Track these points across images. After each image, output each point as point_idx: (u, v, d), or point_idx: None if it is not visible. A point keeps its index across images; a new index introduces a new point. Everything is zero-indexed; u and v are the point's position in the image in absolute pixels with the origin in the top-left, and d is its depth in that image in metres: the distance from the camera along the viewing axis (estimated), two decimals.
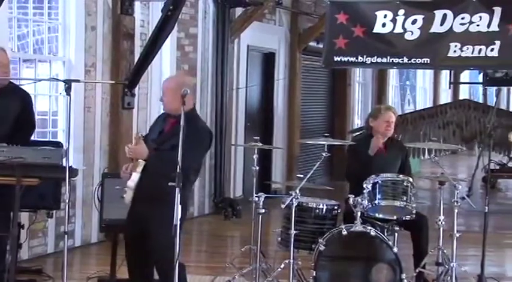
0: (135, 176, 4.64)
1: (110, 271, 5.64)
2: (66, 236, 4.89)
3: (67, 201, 4.75)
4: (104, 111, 7.53)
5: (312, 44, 11.57)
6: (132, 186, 4.64)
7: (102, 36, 7.44)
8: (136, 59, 7.54)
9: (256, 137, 5.88)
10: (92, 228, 7.32)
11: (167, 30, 7.28)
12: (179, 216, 4.16)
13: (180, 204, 4.15)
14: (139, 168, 4.65)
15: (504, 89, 20.06)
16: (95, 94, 7.42)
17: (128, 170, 4.72)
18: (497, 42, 7.20)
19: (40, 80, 6.92)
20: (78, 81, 5.74)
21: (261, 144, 5.83)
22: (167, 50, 8.41)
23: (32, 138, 5.59)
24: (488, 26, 7.23)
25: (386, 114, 5.80)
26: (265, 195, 5.47)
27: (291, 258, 5.12)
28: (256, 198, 5.45)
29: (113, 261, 5.54)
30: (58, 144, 5.83)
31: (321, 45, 9.51)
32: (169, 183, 4.21)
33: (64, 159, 4.98)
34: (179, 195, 4.17)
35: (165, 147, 4.62)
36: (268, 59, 11.05)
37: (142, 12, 8.00)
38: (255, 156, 5.72)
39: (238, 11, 9.74)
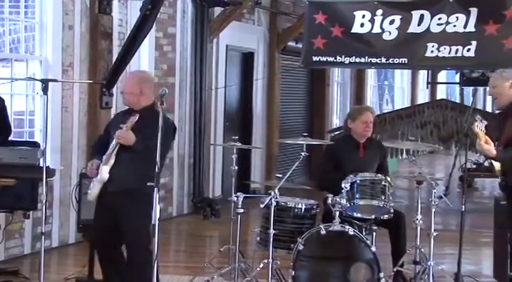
0: (106, 169, 4.65)
1: (87, 272, 5.61)
2: (43, 236, 4.85)
3: (44, 201, 4.72)
4: (81, 111, 7.48)
5: (291, 43, 11.58)
6: (105, 179, 4.65)
7: (80, 36, 7.39)
8: (114, 59, 7.49)
9: (235, 137, 5.88)
10: (70, 228, 7.27)
11: (145, 30, 7.24)
12: (158, 216, 4.15)
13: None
14: (112, 160, 4.66)
15: (480, 89, 20.16)
16: (72, 94, 7.37)
17: (94, 165, 4.73)
18: (474, 43, 7.25)
19: (17, 80, 6.86)
20: (55, 80, 5.71)
21: (239, 144, 5.83)
22: (145, 50, 8.37)
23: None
24: (465, 26, 7.27)
25: (364, 115, 5.84)
26: (244, 195, 5.47)
27: (270, 257, 5.12)
28: (235, 198, 5.45)
29: (91, 261, 5.51)
30: (35, 144, 5.79)
31: (299, 45, 9.52)
32: (148, 183, 4.21)
33: (41, 159, 4.95)
34: (157, 195, 4.16)
35: (137, 144, 4.65)
36: (247, 59, 11.05)
37: (120, 11, 7.95)
38: (234, 156, 5.71)
39: (217, 10, 9.73)
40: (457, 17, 7.27)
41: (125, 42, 7.47)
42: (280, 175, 5.36)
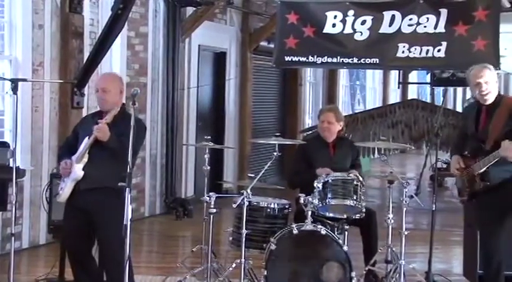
0: (80, 167, 4.64)
1: (58, 273, 5.56)
2: (13, 237, 4.79)
3: (14, 202, 4.67)
4: (52, 111, 7.42)
5: (263, 43, 11.59)
6: (78, 178, 4.64)
7: (50, 35, 7.32)
8: (85, 58, 7.43)
9: (207, 137, 5.87)
10: (40, 229, 7.20)
11: (117, 29, 7.20)
12: (129, 216, 4.13)
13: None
14: (85, 159, 4.65)
15: (451, 89, 20.43)
16: (43, 93, 7.30)
17: (67, 164, 4.71)
18: (444, 43, 7.32)
19: None
20: (25, 80, 5.66)
21: (212, 144, 5.82)
22: (117, 49, 8.32)
23: None
24: (435, 27, 7.34)
25: (323, 115, 5.97)
26: (217, 194, 5.46)
27: (242, 257, 5.12)
28: (208, 198, 5.44)
29: (62, 262, 5.46)
30: (5, 145, 5.72)
31: (272, 45, 9.53)
32: (120, 184, 4.19)
33: (11, 160, 4.90)
34: (129, 196, 4.15)
35: (110, 142, 4.65)
36: (219, 59, 11.03)
37: (91, 10, 7.89)
38: (207, 156, 5.71)
39: (189, 10, 9.70)
40: (427, 18, 7.33)
41: (96, 41, 7.41)
42: (253, 175, 5.36)
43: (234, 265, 5.24)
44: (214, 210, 5.42)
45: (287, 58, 7.70)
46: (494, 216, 4.97)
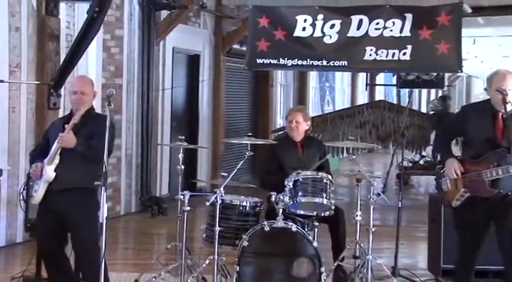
0: (51, 168, 4.61)
1: (35, 270, 5.50)
2: None
3: None
4: (29, 112, 7.35)
5: (236, 46, 11.59)
6: (50, 179, 4.60)
7: (27, 37, 7.26)
8: (61, 60, 7.38)
9: (181, 137, 5.85)
10: (17, 228, 7.13)
11: (93, 32, 7.15)
12: (105, 214, 4.10)
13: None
14: (56, 161, 4.62)
15: (416, 90, 20.61)
16: (20, 94, 7.23)
17: (38, 167, 4.68)
18: (409, 47, 7.37)
19: None
20: (2, 81, 5.60)
21: (186, 144, 5.80)
22: (93, 51, 8.26)
23: None
24: (401, 31, 7.39)
25: (291, 115, 5.98)
26: (191, 193, 5.45)
27: (216, 254, 5.12)
28: (182, 197, 5.43)
29: (38, 260, 5.40)
30: None
31: (244, 48, 9.53)
32: (95, 183, 4.17)
33: None
34: (105, 194, 4.12)
35: (81, 139, 4.64)
36: (193, 61, 11.01)
37: (67, 13, 7.83)
38: (181, 156, 5.69)
39: (164, 13, 9.67)
40: (393, 22, 7.38)
41: (72, 44, 7.36)
42: (226, 174, 5.36)
43: (207, 261, 5.23)
44: (188, 208, 5.41)
45: (259, 60, 7.70)
46: (486, 224, 4.74)
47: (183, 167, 5.69)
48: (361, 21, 7.46)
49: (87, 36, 7.10)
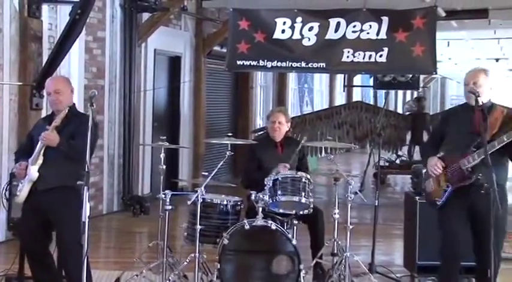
0: (35, 168, 4.58)
1: (18, 269, 5.45)
2: None
3: None
4: (11, 112, 7.28)
5: (216, 48, 11.58)
6: (34, 179, 4.57)
7: (10, 39, 7.19)
8: (44, 61, 7.32)
9: (163, 137, 5.83)
10: (0, 227, 7.05)
11: (75, 34, 7.11)
12: (88, 214, 4.08)
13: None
14: (40, 160, 4.59)
15: (392, 91, 20.71)
16: (2, 95, 7.16)
17: (22, 166, 4.66)
18: (386, 49, 7.41)
19: None
20: None
21: (167, 144, 5.78)
22: (75, 53, 8.21)
23: None
24: (377, 33, 7.42)
25: (273, 115, 5.99)
26: (172, 192, 5.44)
27: (197, 252, 5.11)
28: (163, 196, 5.41)
29: (21, 259, 5.35)
30: None
31: (224, 50, 9.52)
32: (78, 182, 4.14)
33: None
34: (87, 194, 4.10)
35: (63, 138, 4.61)
36: (175, 63, 10.98)
37: (50, 15, 7.77)
38: (162, 155, 5.67)
39: (145, 16, 9.64)
40: (370, 25, 7.41)
41: (54, 45, 7.31)
42: (207, 173, 5.35)
43: (188, 259, 5.22)
44: (170, 207, 5.39)
45: (239, 62, 7.70)
46: (465, 216, 4.69)
47: (164, 166, 5.67)
48: (338, 24, 7.49)
49: (69, 37, 7.06)
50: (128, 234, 8.16)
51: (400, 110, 22.21)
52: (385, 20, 7.38)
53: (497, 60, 21.84)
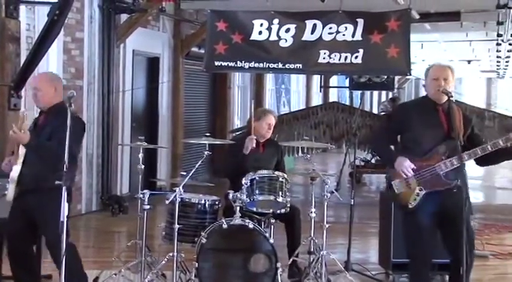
0: (16, 168, 4.53)
1: None
2: None
3: None
4: None
5: (194, 49, 11.56)
6: (15, 179, 4.52)
7: None
8: (22, 62, 7.24)
9: (141, 137, 5.81)
10: None
11: (53, 34, 7.04)
12: (66, 213, 4.05)
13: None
14: (20, 160, 4.54)
15: (367, 92, 20.84)
16: None
17: (11, 162, 4.61)
18: (361, 50, 7.43)
19: None
20: None
21: (146, 144, 5.76)
22: (54, 54, 8.14)
23: None
24: (353, 35, 7.45)
25: (268, 117, 5.95)
26: (151, 192, 5.42)
27: (175, 251, 5.09)
28: (142, 195, 5.39)
29: None
30: None
31: (202, 51, 9.48)
32: (56, 182, 4.11)
33: None
34: (65, 193, 4.06)
35: (42, 139, 4.56)
36: (153, 63, 10.95)
37: (28, 16, 7.70)
38: (141, 155, 5.64)
39: (124, 17, 9.59)
40: (346, 27, 7.44)
41: (33, 46, 7.24)
42: (185, 173, 5.33)
43: (167, 258, 5.20)
44: (148, 207, 5.37)
45: (217, 63, 7.69)
46: (436, 218, 4.59)
47: (143, 166, 5.65)
48: (315, 25, 7.50)
49: (47, 38, 6.99)
50: (106, 234, 8.11)
51: (375, 111, 22.34)
52: (361, 22, 7.41)
53: (469, 62, 22.09)
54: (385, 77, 11.70)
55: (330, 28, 7.46)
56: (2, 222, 5.11)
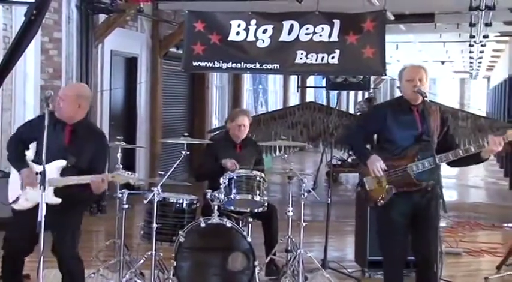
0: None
1: None
2: None
3: None
4: None
5: (172, 49, 11.52)
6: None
7: None
8: None
9: (119, 137, 5.79)
10: None
11: (31, 34, 6.94)
12: (43, 213, 4.01)
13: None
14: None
15: (344, 92, 20.92)
16: None
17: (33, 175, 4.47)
18: (337, 51, 7.46)
19: None
20: None
21: (124, 144, 5.74)
22: (31, 54, 8.06)
23: None
24: (329, 36, 7.47)
25: (240, 118, 5.95)
26: (129, 191, 5.40)
27: (153, 250, 5.08)
28: (120, 195, 5.38)
29: None
30: None
31: (180, 51, 9.46)
32: None
33: None
34: (43, 194, 4.03)
35: (83, 163, 4.62)
36: (131, 64, 10.90)
37: (5, 16, 7.62)
38: (119, 155, 5.62)
39: (102, 17, 9.53)
40: (322, 28, 7.46)
41: (10, 46, 7.14)
42: (163, 172, 5.32)
43: (145, 257, 5.19)
44: (127, 206, 5.35)
45: (195, 63, 7.66)
46: (408, 218, 4.59)
47: (121, 166, 5.61)
48: (292, 26, 7.51)
49: (25, 38, 6.90)
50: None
51: (351, 110, 22.44)
52: (337, 23, 7.44)
53: (443, 62, 22.31)
54: (361, 77, 11.75)
55: (307, 29, 7.47)
56: (2, 222, 5.04)
